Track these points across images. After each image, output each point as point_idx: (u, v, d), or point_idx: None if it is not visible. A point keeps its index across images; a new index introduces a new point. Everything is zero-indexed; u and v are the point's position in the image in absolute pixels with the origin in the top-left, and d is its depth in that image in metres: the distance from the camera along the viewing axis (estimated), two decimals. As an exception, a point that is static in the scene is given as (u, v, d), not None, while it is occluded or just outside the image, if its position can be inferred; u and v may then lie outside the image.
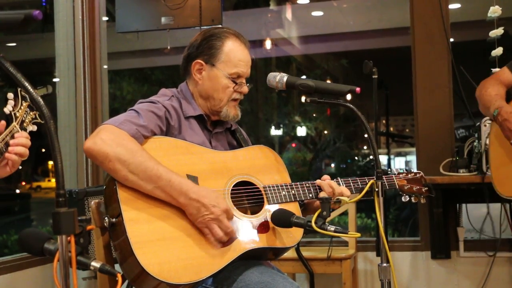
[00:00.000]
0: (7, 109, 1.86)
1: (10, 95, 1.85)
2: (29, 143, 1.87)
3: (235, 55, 2.24)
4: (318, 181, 2.24)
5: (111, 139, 1.93)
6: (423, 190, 2.38)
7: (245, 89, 2.28)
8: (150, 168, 1.93)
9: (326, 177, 2.25)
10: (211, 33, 2.27)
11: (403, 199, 2.36)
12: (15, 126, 1.85)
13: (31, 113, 1.88)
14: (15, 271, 3.47)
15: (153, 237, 1.91)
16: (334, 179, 2.25)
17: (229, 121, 2.34)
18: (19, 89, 1.78)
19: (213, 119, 2.31)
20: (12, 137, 1.84)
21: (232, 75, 2.23)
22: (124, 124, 1.99)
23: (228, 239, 2.01)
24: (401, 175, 2.38)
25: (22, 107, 1.88)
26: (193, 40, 2.31)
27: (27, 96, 1.86)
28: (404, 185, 2.36)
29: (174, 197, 1.95)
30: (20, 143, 1.84)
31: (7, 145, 1.82)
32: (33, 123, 1.91)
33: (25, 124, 1.89)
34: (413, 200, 2.37)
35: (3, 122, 1.85)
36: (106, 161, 1.92)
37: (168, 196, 1.95)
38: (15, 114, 1.86)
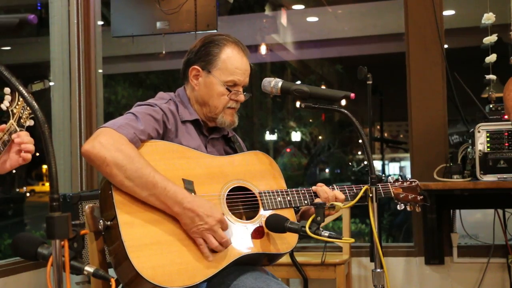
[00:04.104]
0: (4, 105, 1.85)
1: (7, 90, 1.84)
2: (32, 140, 1.87)
3: (232, 62, 2.23)
4: (314, 188, 2.24)
5: (110, 144, 1.93)
6: (419, 198, 2.38)
7: (241, 97, 2.27)
8: (146, 175, 1.93)
9: (321, 184, 2.26)
10: (210, 40, 2.27)
11: (398, 207, 2.36)
12: (12, 124, 1.84)
13: (28, 108, 1.87)
14: (8, 275, 3.46)
15: (147, 241, 1.90)
16: (330, 186, 2.26)
17: (226, 128, 2.33)
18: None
19: (210, 126, 2.31)
20: (10, 135, 1.83)
21: (227, 83, 2.23)
22: (122, 127, 1.99)
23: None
24: (396, 183, 2.37)
25: (19, 103, 1.87)
26: (192, 46, 2.31)
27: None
28: (399, 194, 2.36)
29: (169, 205, 1.95)
30: (26, 141, 1.84)
31: (4, 144, 1.82)
32: (30, 118, 1.91)
33: (22, 121, 1.88)
34: (408, 209, 2.37)
35: (2, 126, 1.84)
36: (104, 165, 1.92)
37: (162, 204, 1.95)
38: (12, 110, 1.86)
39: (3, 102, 1.86)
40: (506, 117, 3.38)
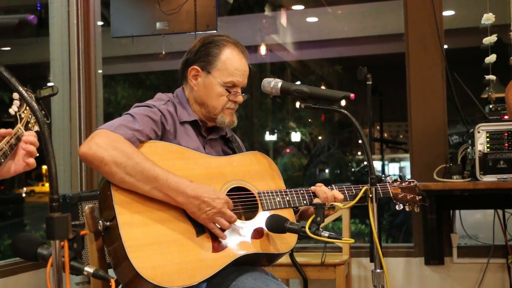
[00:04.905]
0: (13, 109, 1.85)
1: (16, 95, 1.84)
2: (36, 142, 1.87)
3: (231, 63, 2.23)
4: (312, 188, 2.24)
5: (106, 143, 1.93)
6: (417, 198, 2.38)
7: (240, 98, 2.27)
8: (147, 169, 1.93)
9: (319, 184, 2.26)
10: (210, 40, 2.27)
11: (397, 207, 2.36)
12: (19, 128, 1.84)
13: None
14: (7, 276, 3.46)
15: (147, 241, 1.90)
16: (329, 187, 2.26)
17: (225, 128, 2.34)
18: (24, 90, 1.77)
19: (210, 125, 2.31)
20: (17, 139, 1.83)
21: (227, 84, 2.23)
22: (119, 128, 1.99)
23: (223, 244, 2.01)
24: (395, 184, 2.37)
25: (27, 108, 1.87)
26: (192, 46, 2.31)
27: (33, 96, 1.86)
28: (398, 194, 2.36)
29: (172, 196, 1.95)
30: (30, 141, 1.84)
31: (11, 147, 1.82)
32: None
33: (30, 125, 1.88)
34: (407, 209, 2.37)
35: (9, 130, 1.84)
36: (102, 164, 1.92)
37: (166, 196, 1.95)
38: (20, 115, 1.86)
39: (12, 106, 1.86)
40: (506, 117, 3.39)
